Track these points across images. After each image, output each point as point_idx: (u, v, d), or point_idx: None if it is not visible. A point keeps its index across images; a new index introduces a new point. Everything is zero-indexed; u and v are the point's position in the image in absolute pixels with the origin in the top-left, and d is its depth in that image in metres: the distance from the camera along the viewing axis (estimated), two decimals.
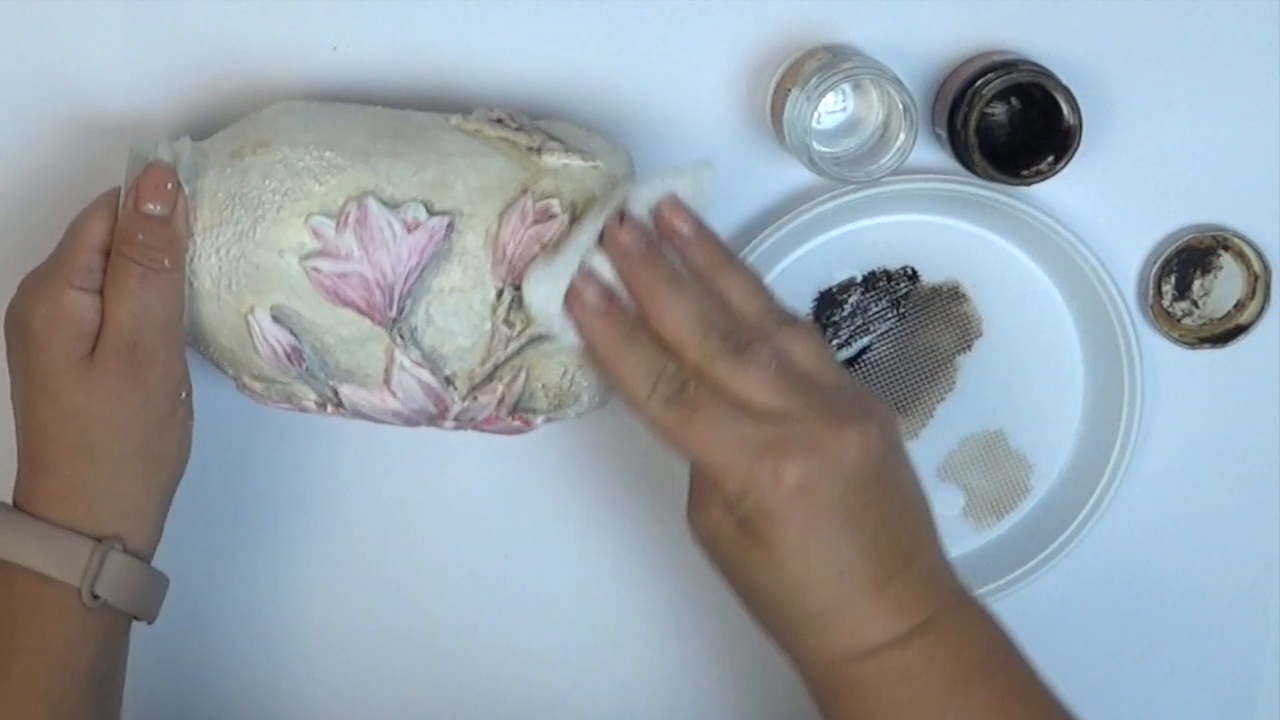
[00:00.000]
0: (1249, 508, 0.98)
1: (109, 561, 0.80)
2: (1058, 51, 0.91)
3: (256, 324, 0.81)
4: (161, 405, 0.81)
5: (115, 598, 0.81)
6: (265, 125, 0.83)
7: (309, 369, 0.83)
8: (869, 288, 0.95)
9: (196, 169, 0.82)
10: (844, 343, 0.95)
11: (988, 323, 0.96)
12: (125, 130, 0.89)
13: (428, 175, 0.81)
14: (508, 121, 0.84)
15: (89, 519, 0.80)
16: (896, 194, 0.92)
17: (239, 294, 0.81)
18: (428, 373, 0.83)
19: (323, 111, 0.84)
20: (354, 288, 0.81)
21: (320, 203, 0.81)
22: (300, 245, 0.81)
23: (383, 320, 0.81)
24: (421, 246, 0.81)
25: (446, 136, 0.83)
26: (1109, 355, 0.95)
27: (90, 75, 0.89)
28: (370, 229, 0.80)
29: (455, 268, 0.82)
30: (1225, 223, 0.95)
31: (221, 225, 0.81)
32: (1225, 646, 1.00)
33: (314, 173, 0.81)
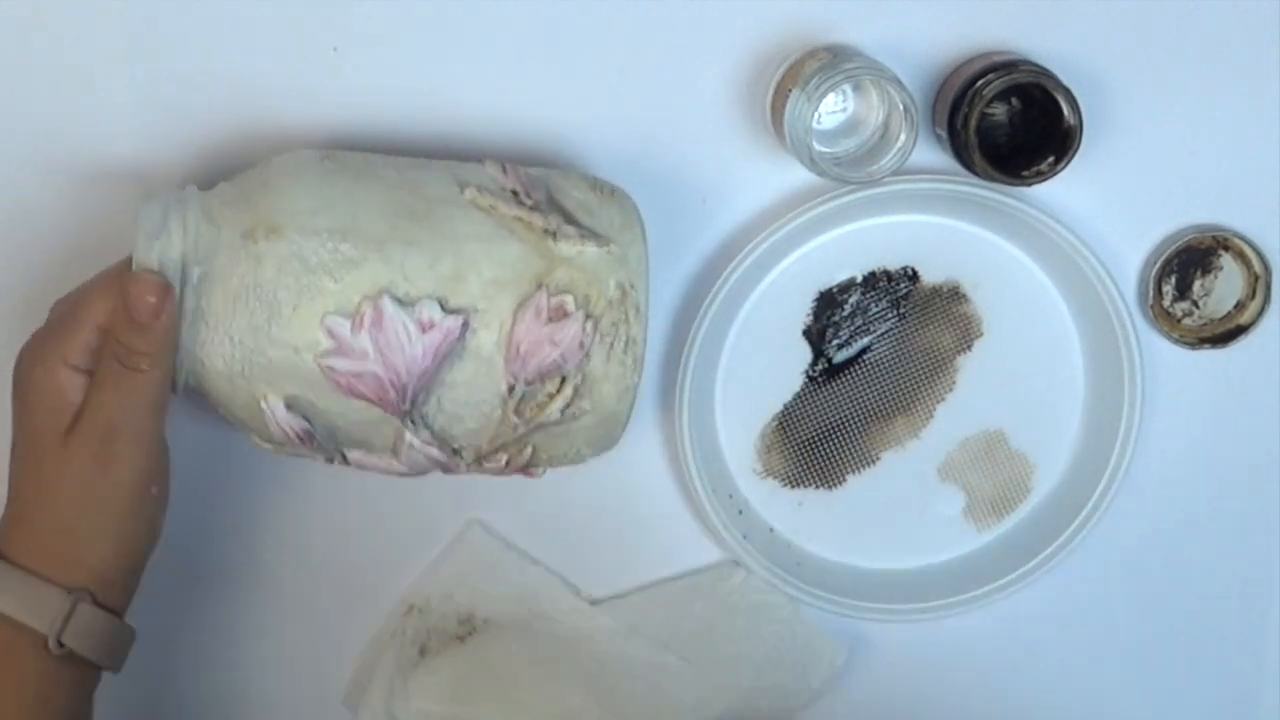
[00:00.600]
0: (1249, 508, 0.99)
1: (78, 612, 0.81)
2: (1058, 51, 0.91)
3: (269, 410, 0.81)
4: (125, 499, 0.82)
5: (82, 647, 0.81)
6: (276, 201, 0.81)
7: (319, 444, 0.83)
8: (869, 288, 0.95)
9: (209, 245, 0.81)
10: (844, 343, 0.95)
11: (988, 323, 0.96)
12: (130, 166, 0.89)
13: (444, 268, 0.81)
14: (522, 196, 0.83)
15: (59, 572, 0.81)
16: (896, 194, 0.92)
17: (252, 381, 0.81)
18: (435, 449, 0.83)
19: (333, 182, 0.82)
20: (368, 385, 0.81)
21: (336, 301, 0.80)
22: (315, 343, 0.80)
23: (394, 411, 0.82)
24: (435, 346, 0.81)
25: (461, 215, 0.82)
26: (1109, 355, 0.95)
27: (92, 95, 0.89)
28: (385, 331, 0.80)
29: (469, 365, 0.82)
30: (1225, 223, 0.95)
31: (235, 314, 0.80)
32: (1226, 646, 1.00)
33: (329, 268, 0.80)
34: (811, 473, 0.97)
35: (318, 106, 0.89)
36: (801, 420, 0.96)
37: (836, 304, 0.95)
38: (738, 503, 0.96)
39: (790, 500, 0.97)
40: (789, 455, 0.96)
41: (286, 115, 0.89)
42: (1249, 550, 0.99)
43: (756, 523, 0.96)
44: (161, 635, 0.92)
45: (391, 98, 0.90)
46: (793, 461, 0.96)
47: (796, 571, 0.96)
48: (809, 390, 0.96)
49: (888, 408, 0.96)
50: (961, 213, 0.94)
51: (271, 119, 0.89)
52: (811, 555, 0.97)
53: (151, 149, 0.89)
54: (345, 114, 0.89)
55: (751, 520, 0.96)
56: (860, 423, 0.96)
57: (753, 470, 0.96)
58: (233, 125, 0.89)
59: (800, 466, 0.97)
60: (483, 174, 0.84)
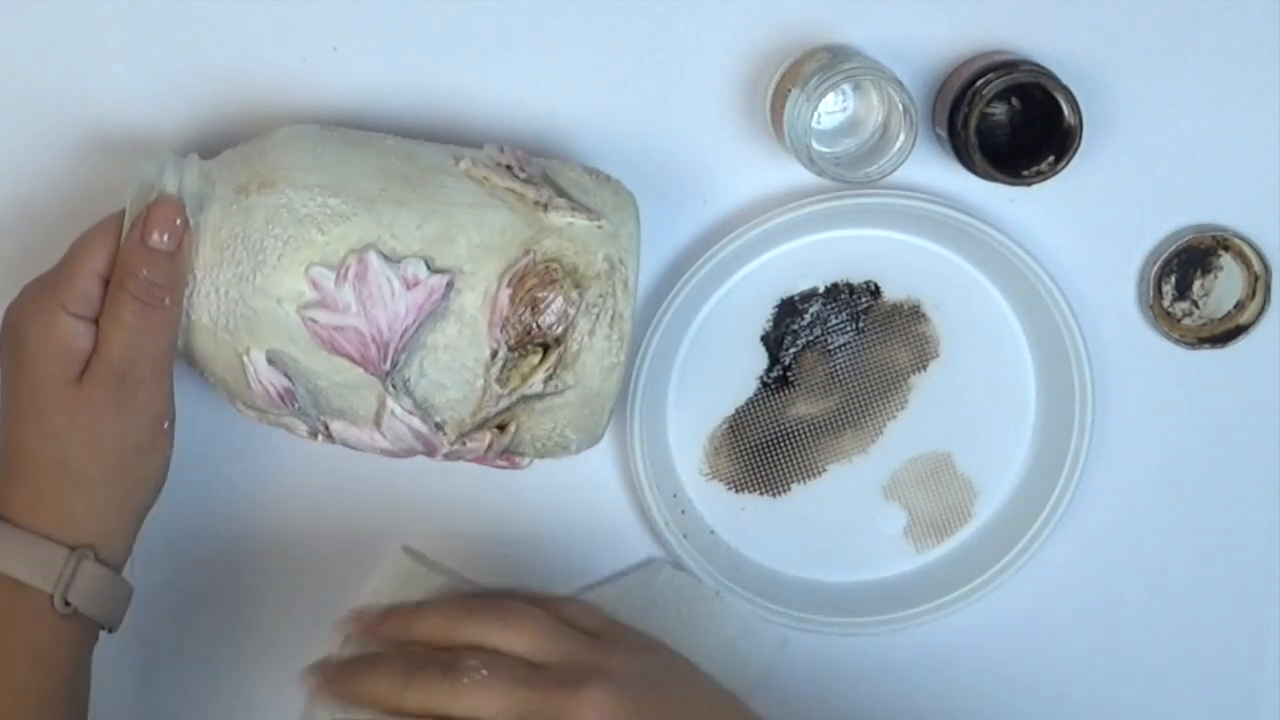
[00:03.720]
0: (1249, 508, 0.98)
1: (81, 570, 0.81)
2: (1058, 51, 0.91)
3: (251, 365, 0.81)
4: (142, 435, 0.81)
5: (87, 606, 0.81)
6: (271, 160, 0.82)
7: (301, 407, 0.83)
8: (831, 299, 0.95)
9: (201, 200, 0.81)
10: (800, 350, 0.95)
11: (945, 344, 0.96)
12: (128, 139, 0.89)
13: (431, 229, 0.81)
14: (516, 170, 0.84)
15: (62, 529, 0.81)
16: (865, 207, 0.92)
17: (235, 334, 0.81)
18: (418, 420, 0.83)
19: (330, 147, 0.83)
20: (349, 340, 0.81)
21: (321, 253, 0.80)
22: (299, 294, 0.80)
23: (376, 371, 0.81)
24: (419, 304, 0.81)
25: (453, 184, 0.83)
26: (1062, 391, 0.95)
27: (92, 83, 0.89)
28: (369, 284, 0.80)
29: (451, 326, 0.81)
30: (1225, 223, 0.95)
31: (223, 264, 0.81)
32: (1226, 649, 1.00)
33: (317, 221, 0.80)
34: (757, 479, 0.97)
35: (315, 103, 0.89)
36: (752, 425, 0.96)
37: (797, 312, 0.95)
38: (681, 502, 0.96)
39: (734, 504, 0.97)
40: (737, 459, 0.96)
41: (285, 109, 0.89)
42: (1249, 550, 0.99)
43: (698, 524, 0.96)
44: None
45: (390, 97, 0.90)
46: (740, 466, 0.96)
47: (733, 575, 0.95)
48: (762, 396, 0.96)
49: (838, 421, 0.96)
50: (929, 232, 0.94)
51: (270, 113, 0.89)
52: (749, 560, 0.97)
53: (149, 133, 0.89)
54: (344, 111, 0.90)
55: (693, 521, 0.96)
56: (810, 433, 0.96)
57: (699, 471, 0.96)
58: (233, 119, 0.89)
59: (747, 471, 0.96)
60: (479, 152, 0.85)
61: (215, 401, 0.86)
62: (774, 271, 0.94)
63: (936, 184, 0.93)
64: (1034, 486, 0.96)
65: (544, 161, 0.86)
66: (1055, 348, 0.94)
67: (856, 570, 0.98)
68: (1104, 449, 0.96)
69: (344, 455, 0.86)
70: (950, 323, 0.96)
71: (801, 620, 0.96)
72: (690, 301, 0.92)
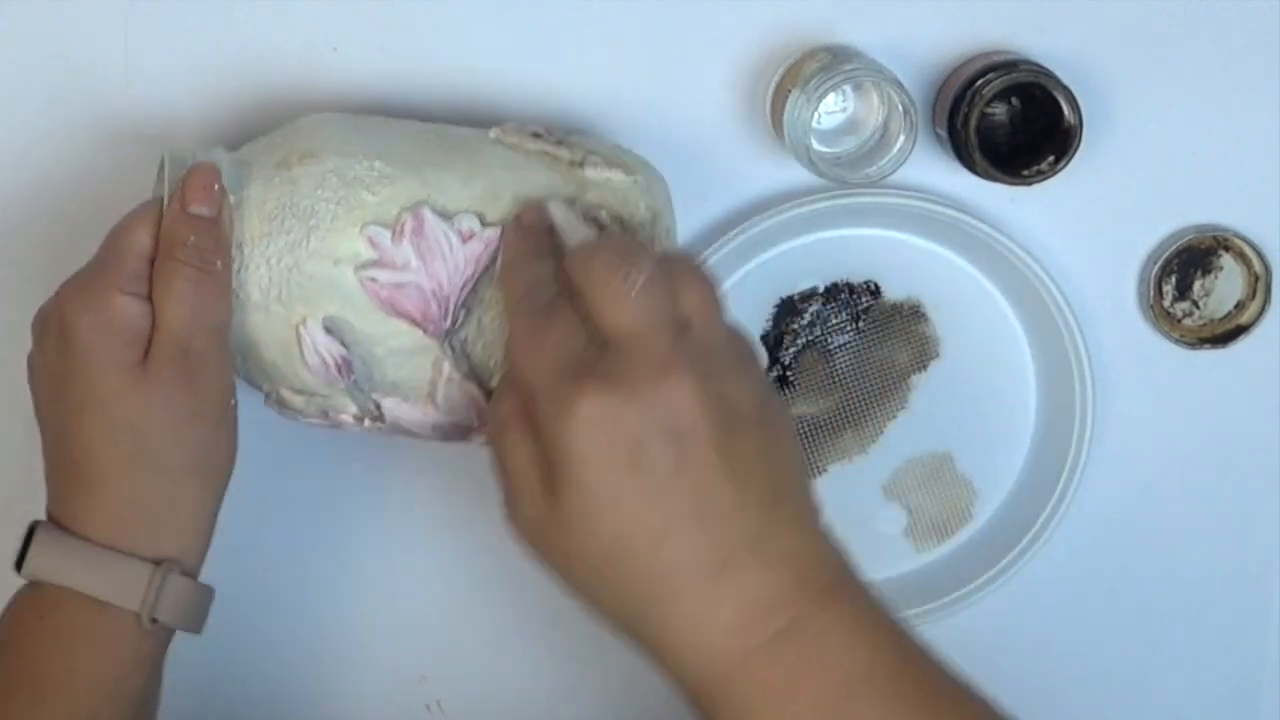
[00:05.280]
0: (1249, 508, 0.98)
1: (168, 584, 0.78)
2: (1058, 51, 0.91)
3: (308, 335, 0.80)
4: (214, 412, 0.79)
5: (173, 620, 0.79)
6: (309, 136, 0.82)
7: (355, 381, 0.82)
8: (830, 299, 0.95)
9: (238, 179, 0.81)
10: (800, 350, 0.95)
11: (945, 345, 0.96)
12: (154, 136, 0.89)
13: (476, 187, 0.81)
14: (545, 136, 0.84)
15: (147, 539, 0.78)
16: (865, 207, 0.92)
17: (289, 304, 0.80)
18: (474, 385, 0.82)
19: (363, 123, 0.83)
20: (410, 298, 0.80)
21: (375, 212, 0.80)
22: (356, 255, 0.79)
23: (436, 331, 0.81)
24: (477, 256, 0.80)
25: (488, 150, 0.83)
26: (1063, 391, 0.94)
27: (115, 81, 0.89)
28: (427, 239, 0.80)
29: None
30: (1225, 223, 0.95)
31: (272, 235, 0.80)
32: (1226, 651, 1.00)
33: (366, 183, 0.80)
34: None
35: (322, 98, 0.90)
36: None
37: (796, 312, 0.95)
38: None
39: None
40: None
41: (293, 106, 0.89)
42: (1249, 550, 0.99)
43: None
44: None
45: (391, 96, 0.90)
46: None
47: None
48: None
49: (838, 421, 0.96)
50: (929, 232, 0.94)
51: (279, 110, 0.89)
52: None
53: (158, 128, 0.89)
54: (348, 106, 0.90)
55: None
56: (810, 433, 0.96)
57: None
58: (251, 94, 0.90)
59: None
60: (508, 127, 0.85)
61: None
62: (774, 271, 0.94)
63: (936, 184, 0.93)
64: (1034, 486, 0.96)
65: (570, 131, 0.86)
66: (1055, 348, 0.94)
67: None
68: (1104, 449, 0.96)
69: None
70: (950, 323, 0.96)
71: None
72: None
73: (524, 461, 0.73)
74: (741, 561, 0.71)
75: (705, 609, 0.71)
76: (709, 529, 0.71)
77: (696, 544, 0.71)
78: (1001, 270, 0.94)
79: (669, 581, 0.71)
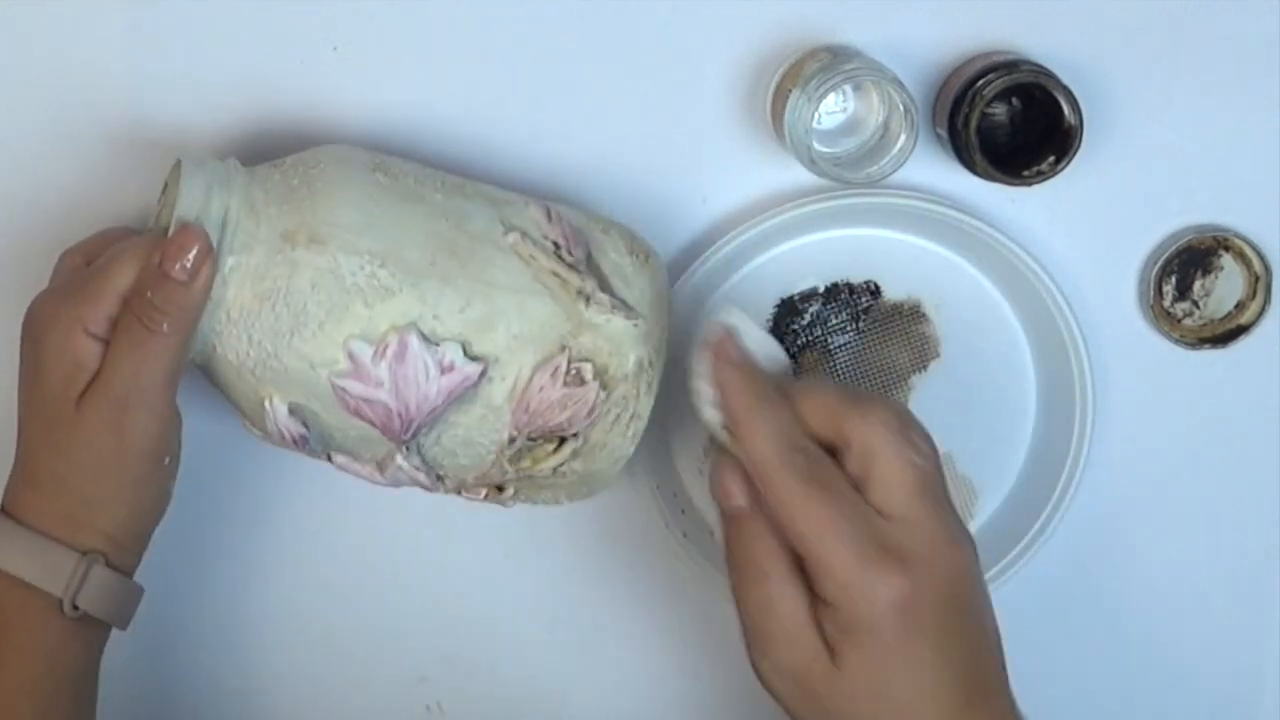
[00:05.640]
0: (1249, 508, 0.98)
1: (91, 575, 0.81)
2: (1058, 51, 0.91)
3: (271, 411, 0.81)
4: (138, 465, 0.81)
5: (95, 609, 0.81)
6: (323, 209, 0.80)
7: (310, 447, 0.83)
8: (831, 299, 0.95)
9: (247, 237, 0.80)
10: (800, 350, 0.95)
11: (945, 345, 0.96)
12: (153, 134, 0.89)
13: (473, 313, 0.80)
14: (563, 252, 0.83)
15: (72, 534, 0.81)
16: (865, 207, 0.92)
17: (260, 381, 0.80)
18: (423, 475, 0.83)
19: (382, 201, 0.81)
20: (376, 412, 0.80)
21: (363, 326, 0.79)
22: (333, 362, 0.79)
23: (394, 440, 0.81)
24: (450, 389, 0.80)
25: (500, 261, 0.81)
26: (1063, 391, 0.95)
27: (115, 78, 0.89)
28: (406, 365, 0.80)
29: (477, 410, 0.81)
30: (1226, 223, 0.95)
31: (260, 315, 0.79)
32: (1225, 652, 1.00)
33: (364, 293, 0.79)
34: None
35: (322, 101, 0.90)
36: None
37: (797, 312, 0.95)
38: (681, 502, 0.95)
39: None
40: None
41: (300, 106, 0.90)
42: (1249, 551, 0.99)
43: (698, 524, 0.96)
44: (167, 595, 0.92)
45: (392, 94, 0.90)
46: None
47: None
48: None
49: None
50: (930, 232, 0.94)
51: (278, 116, 0.90)
52: None
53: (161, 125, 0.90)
54: (346, 109, 0.90)
55: (693, 521, 0.96)
56: None
57: (699, 470, 0.96)
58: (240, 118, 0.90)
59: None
60: (526, 217, 0.83)
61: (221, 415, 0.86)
62: (774, 271, 0.94)
63: (937, 184, 0.93)
64: (1034, 486, 0.96)
65: (586, 228, 0.85)
66: (1055, 348, 0.94)
67: None
68: (1104, 449, 0.96)
69: None
70: (950, 323, 0.96)
71: None
72: (691, 302, 0.92)
73: (796, 614, 0.76)
74: (980, 714, 0.77)
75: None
76: (967, 690, 0.77)
77: (955, 703, 0.76)
78: (1001, 270, 0.94)
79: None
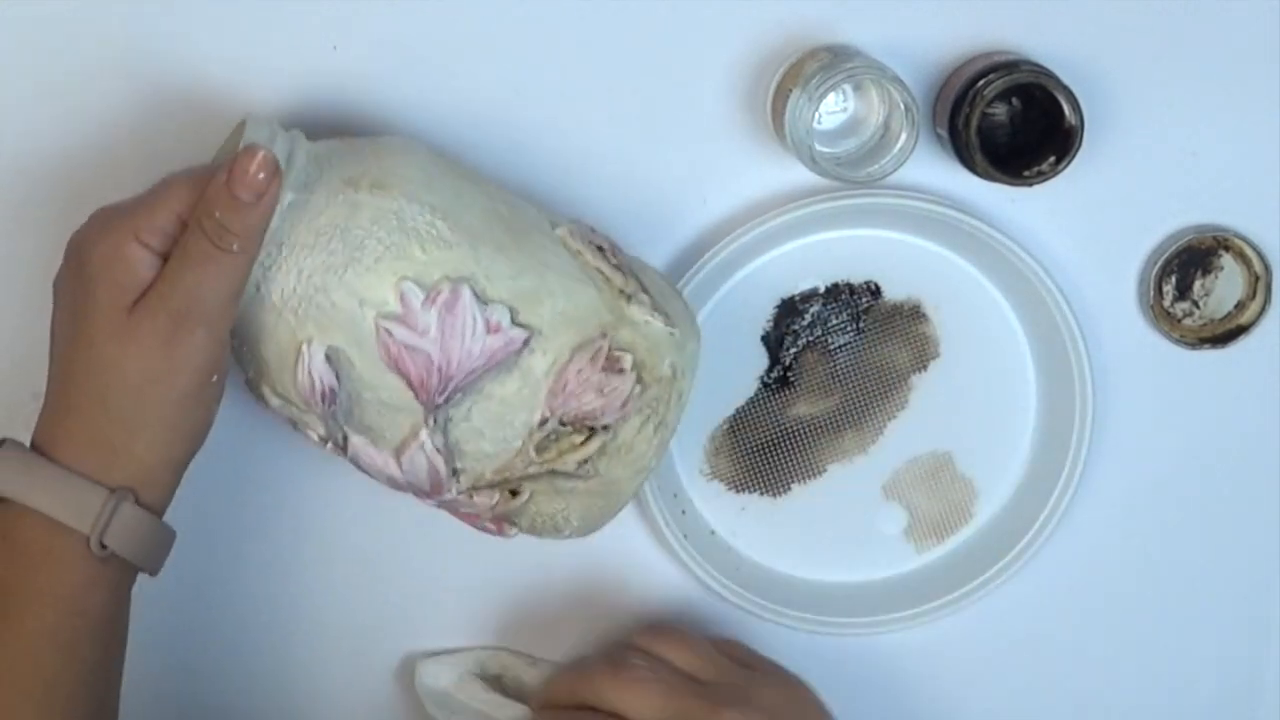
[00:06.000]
0: (1249, 508, 0.98)
1: (119, 513, 0.79)
2: (1058, 51, 0.91)
3: (308, 355, 0.80)
4: (188, 382, 0.78)
5: (123, 549, 0.79)
6: (387, 164, 0.81)
7: (335, 411, 0.82)
8: (831, 299, 0.95)
9: (304, 176, 0.80)
10: (801, 351, 0.95)
11: (945, 344, 0.96)
12: (157, 125, 0.89)
13: (523, 283, 0.81)
14: (609, 255, 0.84)
15: (103, 469, 0.79)
16: (866, 207, 0.92)
17: (303, 320, 0.80)
18: (441, 460, 0.82)
19: (444, 171, 0.82)
20: (416, 363, 0.80)
21: (417, 269, 0.79)
22: (383, 302, 0.79)
23: (425, 401, 0.81)
24: (494, 351, 0.80)
25: (551, 246, 0.82)
26: (1063, 392, 0.95)
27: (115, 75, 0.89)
28: (455, 315, 0.79)
29: (514, 382, 0.81)
30: (1226, 223, 0.95)
31: (313, 250, 0.79)
32: (1225, 652, 1.00)
33: (421, 238, 0.79)
34: (757, 479, 0.96)
35: (314, 101, 0.90)
36: (752, 425, 0.96)
37: (797, 312, 0.95)
38: (681, 502, 0.95)
39: (734, 504, 0.97)
40: (737, 459, 0.96)
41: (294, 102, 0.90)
42: (1249, 551, 0.99)
43: (698, 524, 0.96)
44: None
45: (391, 95, 0.90)
46: (740, 466, 0.96)
47: (734, 575, 0.95)
48: (762, 396, 0.95)
49: (838, 421, 0.96)
50: (930, 232, 0.94)
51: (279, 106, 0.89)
52: (750, 560, 0.97)
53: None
54: (343, 103, 0.90)
55: (693, 521, 0.96)
56: (810, 433, 0.96)
57: (699, 471, 0.96)
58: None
59: (747, 472, 0.96)
60: (574, 224, 0.85)
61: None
62: (774, 271, 0.94)
63: (937, 184, 0.93)
64: (1034, 486, 0.96)
65: (630, 256, 0.86)
66: (1055, 348, 0.94)
67: (856, 570, 0.98)
68: (1104, 449, 0.96)
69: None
70: (950, 323, 0.96)
71: (801, 620, 0.96)
72: (691, 302, 0.92)
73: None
74: None
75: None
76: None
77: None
78: (1001, 270, 0.94)
79: None
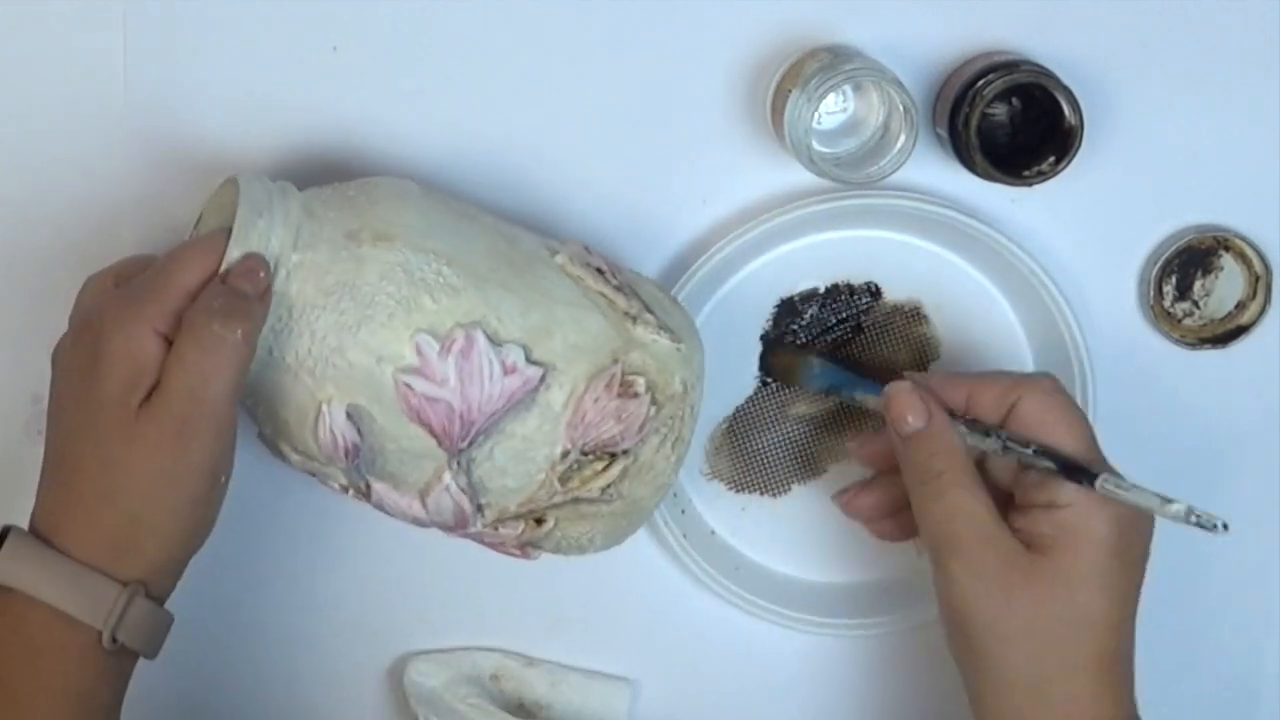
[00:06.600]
0: (1249, 508, 0.98)
1: (134, 606, 0.78)
2: (1058, 51, 0.91)
3: (328, 414, 0.80)
4: (196, 485, 0.78)
5: (133, 641, 0.79)
6: (385, 213, 0.81)
7: (358, 465, 0.82)
8: (830, 300, 0.95)
9: (307, 237, 0.80)
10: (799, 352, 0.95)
11: (945, 345, 0.96)
12: (153, 137, 0.89)
13: (533, 319, 0.81)
14: (609, 277, 0.84)
15: (113, 563, 0.78)
16: (865, 208, 0.92)
17: (320, 381, 0.79)
18: (466, 499, 0.82)
19: (440, 211, 0.82)
20: (437, 413, 0.80)
21: (430, 320, 0.79)
22: (400, 357, 0.79)
23: (450, 447, 0.81)
24: (512, 392, 0.80)
25: (552, 276, 0.82)
26: None
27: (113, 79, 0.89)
28: (472, 362, 0.79)
29: (534, 419, 0.81)
30: (1226, 223, 0.95)
31: (324, 310, 0.79)
32: (1225, 646, 1.00)
33: (430, 287, 0.79)
34: (757, 479, 0.96)
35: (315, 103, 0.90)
36: (751, 426, 0.96)
37: (796, 312, 0.95)
38: (681, 502, 0.95)
39: (734, 504, 0.97)
40: (736, 459, 0.96)
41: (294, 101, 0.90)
42: (1249, 552, 0.99)
43: (698, 524, 0.96)
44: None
45: (390, 96, 0.90)
46: (740, 466, 0.96)
47: (733, 576, 0.95)
48: (762, 396, 0.95)
49: (838, 421, 0.96)
50: (929, 233, 0.94)
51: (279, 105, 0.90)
52: (750, 561, 0.97)
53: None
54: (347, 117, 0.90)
55: (693, 521, 0.96)
56: (810, 433, 0.96)
57: (699, 471, 0.96)
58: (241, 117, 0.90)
59: (747, 472, 0.96)
60: (570, 247, 0.85)
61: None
62: (774, 272, 0.94)
63: (937, 184, 0.93)
64: None
65: (626, 271, 0.86)
66: (1055, 348, 0.94)
67: (856, 570, 0.98)
68: (1104, 449, 0.96)
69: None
70: (950, 323, 0.96)
71: (801, 620, 0.96)
72: (690, 302, 0.92)
73: (987, 516, 0.85)
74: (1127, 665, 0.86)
75: (1104, 695, 0.85)
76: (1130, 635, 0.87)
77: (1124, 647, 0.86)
78: (1001, 270, 0.94)
79: (1101, 663, 0.85)
